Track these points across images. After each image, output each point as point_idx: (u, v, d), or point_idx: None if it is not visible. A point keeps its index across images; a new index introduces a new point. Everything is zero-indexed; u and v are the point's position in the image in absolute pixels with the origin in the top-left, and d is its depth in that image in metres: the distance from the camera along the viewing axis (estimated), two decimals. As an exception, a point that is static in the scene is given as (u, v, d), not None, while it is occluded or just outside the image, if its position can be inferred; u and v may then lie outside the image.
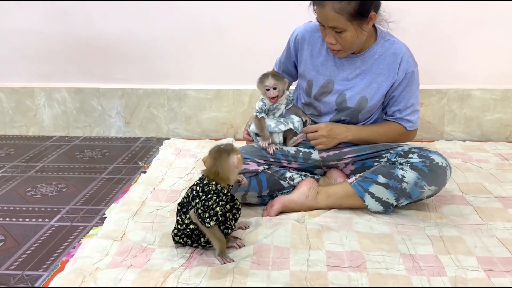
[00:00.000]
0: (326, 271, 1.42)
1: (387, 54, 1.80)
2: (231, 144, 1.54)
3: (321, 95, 1.86)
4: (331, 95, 1.85)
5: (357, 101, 1.82)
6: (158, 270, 1.44)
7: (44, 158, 2.55)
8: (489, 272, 1.41)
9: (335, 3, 1.61)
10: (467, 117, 2.73)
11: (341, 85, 1.83)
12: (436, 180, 1.71)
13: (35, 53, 2.87)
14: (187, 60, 2.82)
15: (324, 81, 1.85)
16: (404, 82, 1.80)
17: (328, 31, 1.68)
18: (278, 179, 1.84)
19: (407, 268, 1.43)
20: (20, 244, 1.66)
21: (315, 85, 1.87)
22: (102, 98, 2.89)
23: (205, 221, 1.43)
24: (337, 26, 1.64)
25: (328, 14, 1.63)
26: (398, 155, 1.75)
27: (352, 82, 1.83)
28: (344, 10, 1.61)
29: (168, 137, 2.87)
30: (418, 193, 1.71)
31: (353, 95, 1.82)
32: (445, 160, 1.73)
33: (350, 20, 1.63)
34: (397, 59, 1.78)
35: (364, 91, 1.82)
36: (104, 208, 1.93)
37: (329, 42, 1.71)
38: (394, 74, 1.79)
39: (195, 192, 1.48)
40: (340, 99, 1.84)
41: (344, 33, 1.66)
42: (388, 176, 1.71)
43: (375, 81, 1.81)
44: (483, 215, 1.77)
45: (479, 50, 2.67)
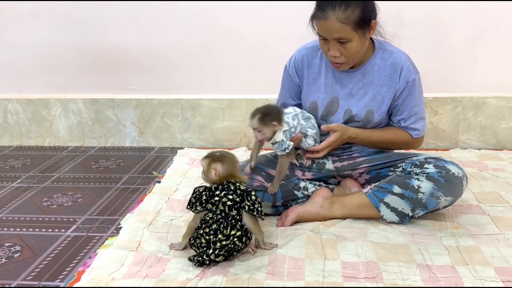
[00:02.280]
0: (342, 281, 1.42)
1: (387, 64, 1.77)
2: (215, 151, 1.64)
3: (328, 115, 1.84)
4: (338, 113, 1.82)
5: (364, 115, 1.80)
6: (174, 280, 1.44)
7: (60, 168, 2.58)
8: (507, 283, 1.39)
9: (339, 13, 1.59)
10: (482, 125, 2.71)
11: (346, 101, 1.81)
12: (453, 190, 1.70)
13: (50, 64, 2.91)
14: (200, 70, 2.84)
15: (328, 100, 1.82)
16: (405, 91, 1.78)
17: (332, 44, 1.65)
18: (292, 189, 1.84)
19: (424, 279, 1.41)
20: (36, 255, 1.67)
21: (320, 106, 1.84)
22: (117, 109, 2.91)
23: (262, 213, 1.53)
24: (343, 37, 1.62)
25: (333, 26, 1.60)
26: (413, 165, 1.74)
27: (356, 97, 1.80)
28: (349, 19, 1.59)
29: (182, 147, 2.88)
30: (434, 203, 1.69)
31: (360, 110, 1.80)
32: (461, 170, 1.72)
33: (355, 29, 1.61)
34: (397, 69, 1.76)
35: (369, 104, 1.79)
36: (120, 218, 1.94)
37: (333, 55, 1.67)
38: (395, 84, 1.77)
39: (230, 201, 1.50)
40: (347, 116, 1.81)
41: (349, 44, 1.63)
42: (404, 186, 1.70)
43: (379, 93, 1.79)
44: (500, 225, 1.75)
45: (494, 58, 2.65)
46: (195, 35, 2.78)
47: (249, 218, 1.52)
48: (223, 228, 1.48)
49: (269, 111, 1.71)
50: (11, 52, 2.92)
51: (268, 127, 1.69)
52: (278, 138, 1.70)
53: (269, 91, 2.77)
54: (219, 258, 1.49)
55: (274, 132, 1.70)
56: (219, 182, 1.55)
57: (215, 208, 1.51)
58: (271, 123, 1.68)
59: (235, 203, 1.50)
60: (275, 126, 1.68)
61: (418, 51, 2.64)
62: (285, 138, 1.71)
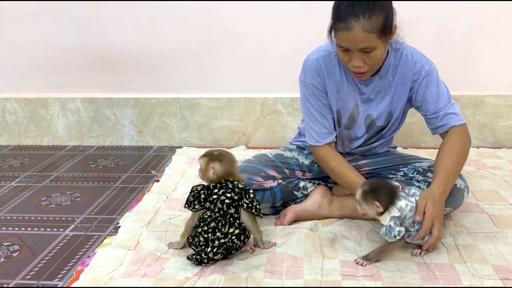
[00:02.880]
0: (340, 280, 1.42)
1: (399, 63, 1.71)
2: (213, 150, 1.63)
3: (351, 124, 1.78)
4: (360, 120, 1.77)
5: (385, 118, 1.76)
6: (172, 279, 1.44)
7: (58, 167, 2.58)
8: (505, 280, 1.39)
9: (365, 23, 1.47)
10: (481, 124, 2.71)
11: (365, 107, 1.76)
12: (453, 202, 1.68)
13: (49, 64, 2.91)
14: (198, 69, 2.84)
15: (352, 108, 1.75)
16: (425, 80, 1.69)
17: (355, 54, 1.54)
18: (292, 190, 1.84)
19: (422, 277, 1.42)
20: (35, 254, 1.67)
21: (344, 115, 1.77)
22: (115, 108, 2.91)
23: (260, 212, 1.53)
24: (369, 46, 1.51)
25: (358, 36, 1.49)
26: (416, 171, 1.72)
27: (375, 102, 1.75)
28: (375, 28, 1.49)
29: (181, 146, 2.88)
30: None
31: (381, 114, 1.76)
32: (464, 182, 1.70)
33: (380, 36, 1.51)
34: (410, 65, 1.69)
35: (389, 106, 1.75)
36: (118, 217, 1.94)
37: (357, 65, 1.55)
38: (409, 80, 1.71)
39: (228, 199, 1.50)
40: (368, 121, 1.77)
41: (373, 52, 1.53)
42: None
43: (396, 93, 1.73)
44: (499, 223, 1.75)
45: (492, 56, 2.66)
46: (194, 34, 2.77)
47: (247, 216, 1.52)
48: (221, 226, 1.48)
49: (380, 187, 1.48)
50: (10, 51, 2.91)
51: (368, 205, 1.47)
52: (384, 221, 1.46)
53: (268, 90, 2.78)
54: (217, 256, 1.49)
55: (379, 213, 1.47)
56: (218, 181, 1.55)
57: (214, 207, 1.51)
58: (373, 202, 1.46)
59: (234, 201, 1.50)
60: (377, 207, 1.46)
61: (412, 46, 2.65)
62: (394, 224, 1.45)
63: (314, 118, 1.76)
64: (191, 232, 1.55)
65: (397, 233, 1.44)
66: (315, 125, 1.76)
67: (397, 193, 1.48)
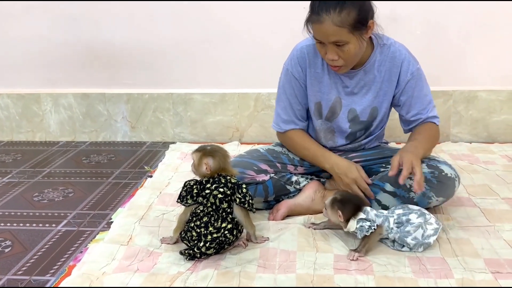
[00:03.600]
0: (332, 274, 1.42)
1: (387, 59, 1.73)
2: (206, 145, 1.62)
3: (332, 116, 1.80)
4: (342, 113, 1.79)
5: (369, 113, 1.78)
6: (165, 274, 1.44)
7: (51, 163, 2.57)
8: (497, 274, 1.40)
9: (335, 17, 1.52)
10: (474, 119, 2.72)
11: (348, 101, 1.78)
12: (445, 191, 1.69)
13: (41, 59, 2.89)
14: (192, 64, 2.83)
15: (333, 100, 1.78)
16: (412, 82, 1.73)
17: (329, 47, 1.59)
18: (284, 184, 1.84)
19: (414, 271, 1.42)
20: (27, 249, 1.66)
21: (324, 107, 1.80)
22: (108, 103, 2.90)
23: (253, 206, 1.53)
24: (340, 40, 1.55)
25: (329, 29, 1.54)
26: None
27: (358, 96, 1.77)
28: (345, 22, 1.52)
29: (174, 141, 2.88)
30: (425, 203, 1.68)
31: (364, 109, 1.77)
32: (454, 171, 1.71)
33: (352, 31, 1.54)
34: (397, 62, 1.72)
35: (373, 102, 1.77)
36: (111, 212, 1.94)
37: (331, 58, 1.60)
38: (396, 77, 1.74)
39: (221, 194, 1.50)
40: (351, 115, 1.79)
41: (346, 46, 1.57)
42: (396, 185, 1.68)
43: (381, 89, 1.76)
44: (490, 217, 1.76)
45: (485, 52, 2.67)
46: (187, 30, 2.76)
47: (240, 211, 1.52)
48: (214, 221, 1.48)
49: (348, 199, 1.56)
50: (2, 47, 2.89)
51: (332, 212, 1.56)
52: (351, 228, 1.53)
53: (261, 85, 2.78)
54: (210, 251, 1.49)
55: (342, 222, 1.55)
56: (210, 176, 1.55)
57: (206, 201, 1.50)
58: (337, 211, 1.54)
59: (226, 196, 1.50)
60: (339, 217, 1.54)
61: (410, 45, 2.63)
62: (363, 223, 1.51)
63: (283, 105, 1.83)
64: (183, 227, 1.55)
65: (367, 227, 1.50)
66: (282, 112, 1.84)
67: (362, 208, 1.55)
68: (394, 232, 1.53)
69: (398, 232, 1.52)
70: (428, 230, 1.52)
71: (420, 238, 1.51)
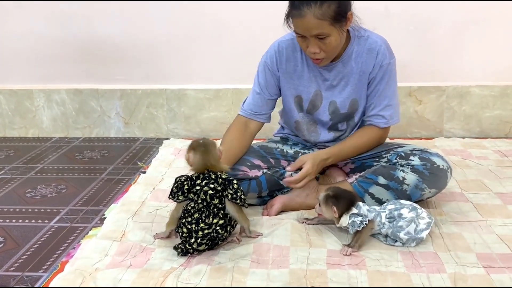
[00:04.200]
0: (325, 269, 1.42)
1: (363, 50, 1.74)
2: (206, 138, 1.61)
3: (313, 109, 1.83)
4: (322, 106, 1.81)
5: (348, 105, 1.80)
6: (158, 270, 1.44)
7: (44, 159, 2.56)
8: (489, 268, 1.41)
9: (316, 10, 1.53)
10: (466, 114, 2.73)
11: (329, 93, 1.80)
12: (437, 183, 1.70)
13: (34, 55, 2.88)
14: (186, 60, 2.82)
15: (312, 93, 1.81)
16: (379, 75, 1.74)
17: (311, 40, 1.60)
18: (278, 179, 1.84)
19: (407, 266, 1.43)
20: (20, 245, 1.66)
21: (305, 100, 1.82)
22: (101, 99, 2.89)
23: (245, 201, 1.52)
24: (322, 33, 1.57)
25: (311, 23, 1.55)
26: (399, 156, 1.74)
27: (338, 88, 1.79)
28: (326, 15, 1.54)
29: (168, 137, 2.87)
30: (418, 195, 1.70)
31: (343, 100, 1.79)
32: (446, 163, 1.72)
33: (333, 23, 1.57)
34: (373, 54, 1.73)
35: (352, 94, 1.78)
36: (104, 208, 1.93)
37: (313, 51, 1.62)
38: (369, 69, 1.75)
39: (211, 190, 1.49)
40: (332, 108, 1.81)
41: (328, 39, 1.59)
42: (389, 177, 1.70)
43: (359, 81, 1.77)
44: (483, 212, 1.77)
45: (478, 47, 2.67)
46: (181, 25, 2.76)
47: (232, 206, 1.52)
48: (205, 217, 1.48)
49: (341, 195, 1.56)
50: (-7, 42, 2.88)
51: (327, 208, 1.56)
52: (344, 223, 1.54)
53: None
54: (201, 247, 1.49)
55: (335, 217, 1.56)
56: (200, 171, 1.54)
57: (197, 198, 1.50)
58: (331, 207, 1.55)
59: (217, 192, 1.50)
60: (334, 212, 1.54)
61: (403, 41, 2.66)
62: (355, 218, 1.52)
63: (254, 90, 1.88)
64: (176, 222, 1.55)
65: (359, 222, 1.51)
66: (250, 96, 1.89)
67: (355, 203, 1.56)
68: (386, 227, 1.53)
69: (391, 227, 1.52)
70: (420, 224, 1.52)
71: (413, 233, 1.51)
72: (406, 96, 2.71)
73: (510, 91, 2.68)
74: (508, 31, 2.64)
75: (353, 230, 1.52)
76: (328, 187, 1.62)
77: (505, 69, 2.70)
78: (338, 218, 1.55)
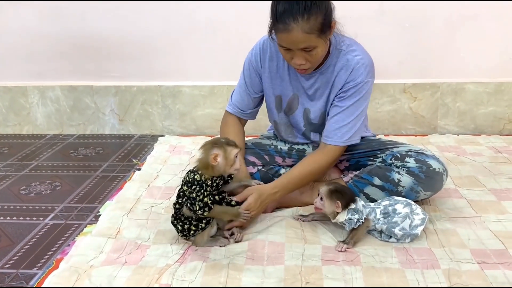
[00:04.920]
0: (320, 265, 1.43)
1: (341, 66, 1.68)
2: (233, 142, 1.53)
3: (289, 111, 1.82)
4: (298, 111, 1.80)
5: (319, 117, 1.78)
6: (153, 266, 1.44)
7: (38, 156, 2.55)
8: (483, 264, 1.41)
9: (303, 24, 1.47)
10: (461, 111, 2.74)
11: (304, 101, 1.78)
12: (433, 186, 1.70)
13: (28, 52, 2.86)
14: (181, 57, 2.81)
15: (290, 96, 1.79)
16: (350, 92, 1.68)
17: (296, 53, 1.55)
18: (273, 176, 1.84)
19: (401, 261, 1.43)
20: (14, 243, 1.65)
21: (284, 100, 1.81)
22: (96, 96, 2.88)
23: (197, 213, 1.46)
24: (309, 46, 1.52)
25: (298, 38, 1.49)
26: (394, 157, 1.73)
27: (311, 98, 1.77)
28: (314, 28, 1.49)
29: (163, 134, 2.87)
30: (413, 197, 1.69)
31: (315, 111, 1.78)
32: (442, 165, 1.71)
33: (320, 35, 1.51)
34: (348, 71, 1.67)
35: (324, 107, 1.76)
36: (99, 206, 1.93)
37: (299, 63, 1.57)
38: (342, 85, 1.69)
39: (188, 178, 1.50)
40: (305, 115, 1.80)
41: (315, 50, 1.55)
42: (384, 178, 1.70)
43: (332, 94, 1.73)
44: (477, 208, 1.77)
45: (472, 44, 2.68)
46: (176, 22, 2.75)
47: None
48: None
49: (345, 191, 1.57)
50: (-13, 39, 2.86)
51: (330, 203, 1.55)
52: (341, 218, 1.54)
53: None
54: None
55: (335, 212, 1.55)
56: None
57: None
58: (336, 201, 1.54)
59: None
60: (337, 207, 1.54)
61: (398, 37, 2.67)
62: (351, 215, 1.53)
63: (239, 87, 1.87)
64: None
65: (356, 220, 1.52)
66: (237, 90, 1.88)
67: (355, 200, 1.56)
68: (381, 223, 1.54)
69: (386, 223, 1.53)
70: (415, 220, 1.53)
71: (408, 229, 1.52)
72: (400, 92, 2.71)
73: (504, 87, 2.69)
74: (502, 28, 2.65)
75: (350, 227, 1.53)
76: (329, 182, 1.62)
77: (499, 66, 2.71)
78: (333, 213, 1.56)
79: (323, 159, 1.72)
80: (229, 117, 1.90)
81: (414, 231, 1.53)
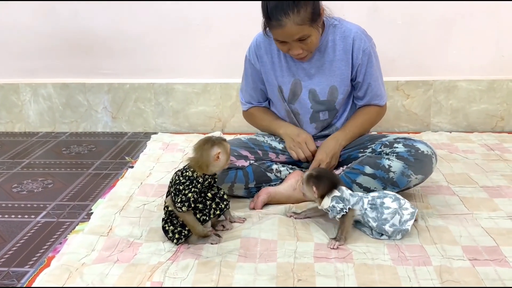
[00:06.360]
0: (313, 262, 1.43)
1: (339, 38, 1.79)
2: (224, 138, 1.55)
3: (293, 98, 1.86)
4: (302, 94, 1.84)
5: (328, 92, 1.83)
6: (145, 264, 1.44)
7: (30, 154, 2.53)
8: (474, 261, 1.42)
9: (295, 17, 1.58)
10: (453, 108, 2.75)
11: (307, 82, 1.83)
12: (423, 168, 1.72)
13: (20, 49, 2.84)
14: (174, 54, 2.81)
15: (291, 82, 1.84)
16: (364, 60, 1.80)
17: (293, 44, 1.66)
18: (265, 171, 1.85)
19: (393, 258, 1.44)
20: (6, 241, 1.65)
21: (285, 90, 1.86)
22: (89, 93, 2.87)
23: (176, 205, 1.47)
24: (303, 35, 1.63)
25: (292, 31, 1.61)
26: (383, 145, 1.76)
27: (316, 76, 1.82)
28: (305, 19, 1.60)
29: (156, 132, 2.86)
30: (405, 182, 1.72)
31: (322, 88, 1.83)
32: (430, 149, 1.75)
33: (312, 24, 1.63)
34: (349, 40, 1.78)
35: (330, 80, 1.82)
36: (91, 203, 1.92)
37: (297, 53, 1.69)
38: (349, 56, 1.79)
39: (177, 177, 1.50)
40: (311, 96, 1.84)
41: (309, 39, 1.65)
42: (375, 166, 1.72)
43: (337, 68, 1.81)
44: (469, 205, 1.78)
45: (465, 41, 2.69)
46: (169, 19, 2.74)
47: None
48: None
49: (323, 176, 1.58)
50: (-22, 35, 2.84)
51: (308, 188, 1.58)
52: (325, 205, 1.56)
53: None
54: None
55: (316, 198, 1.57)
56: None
57: None
58: (312, 187, 1.56)
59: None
60: (314, 192, 1.56)
61: (391, 35, 2.67)
62: (336, 203, 1.53)
63: (246, 87, 1.98)
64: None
65: (339, 209, 1.53)
66: (245, 93, 1.99)
67: (337, 186, 1.57)
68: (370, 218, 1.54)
69: (376, 220, 1.53)
70: (404, 215, 1.53)
71: (398, 225, 1.52)
72: (393, 90, 2.72)
73: (496, 85, 2.70)
74: (494, 26, 2.65)
75: (332, 215, 1.54)
76: (314, 169, 1.66)
77: (491, 63, 2.71)
78: (319, 199, 1.56)
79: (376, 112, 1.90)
80: (250, 110, 2.01)
81: (404, 226, 1.53)
